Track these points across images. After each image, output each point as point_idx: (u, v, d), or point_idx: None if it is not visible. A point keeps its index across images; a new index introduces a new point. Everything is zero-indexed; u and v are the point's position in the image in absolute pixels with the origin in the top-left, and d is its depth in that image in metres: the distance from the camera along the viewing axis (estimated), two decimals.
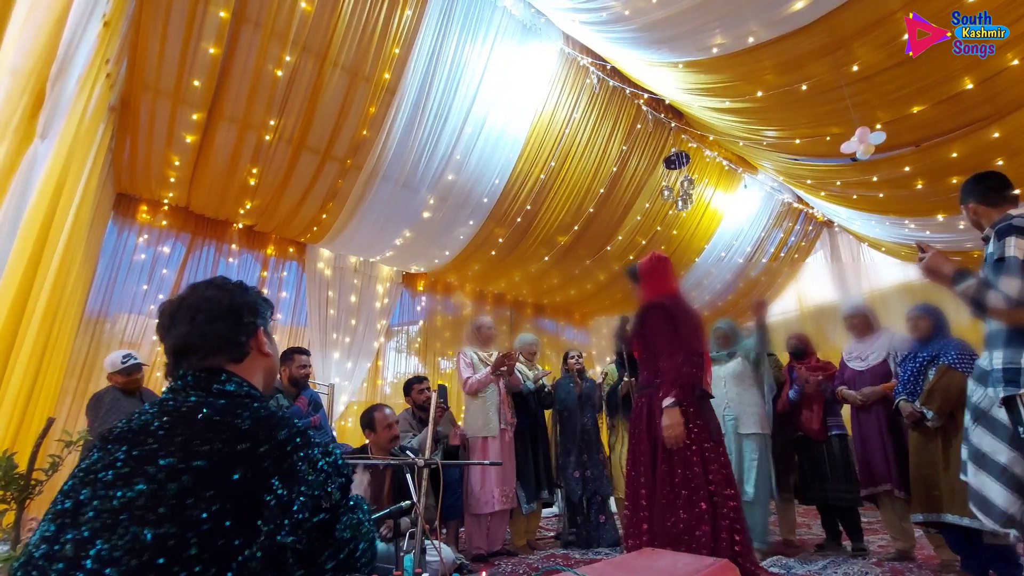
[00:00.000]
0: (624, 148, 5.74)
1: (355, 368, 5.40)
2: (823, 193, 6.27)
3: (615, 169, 5.82)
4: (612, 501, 4.15)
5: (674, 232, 6.91)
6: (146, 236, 4.33)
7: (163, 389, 1.02)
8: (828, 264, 8.47)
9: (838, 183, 5.70)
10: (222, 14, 3.35)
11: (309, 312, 5.19)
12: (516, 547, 3.89)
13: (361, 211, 4.84)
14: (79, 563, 0.74)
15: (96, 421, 2.79)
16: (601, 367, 7.10)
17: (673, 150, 5.92)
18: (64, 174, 2.45)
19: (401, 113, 4.35)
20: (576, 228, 6.11)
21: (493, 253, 6.02)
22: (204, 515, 0.78)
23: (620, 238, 6.54)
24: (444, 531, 3.57)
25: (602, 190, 5.88)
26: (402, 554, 1.97)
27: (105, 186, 3.74)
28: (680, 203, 6.09)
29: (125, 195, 4.27)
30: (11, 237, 1.87)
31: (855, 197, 5.92)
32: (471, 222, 5.47)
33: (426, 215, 5.17)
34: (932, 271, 1.80)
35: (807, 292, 8.71)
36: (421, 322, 6.49)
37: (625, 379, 4.11)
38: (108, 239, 4.10)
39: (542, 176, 5.41)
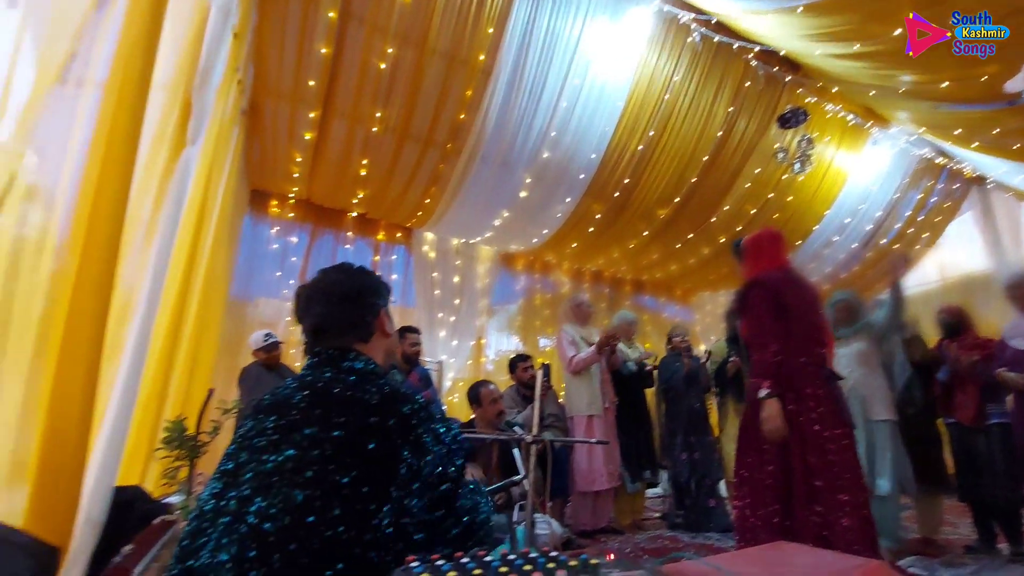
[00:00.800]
0: (731, 109, 5.31)
1: (459, 346, 5.64)
2: (975, 144, 5.37)
3: (721, 133, 5.40)
4: (722, 485, 3.99)
5: (789, 198, 6.31)
6: (277, 228, 4.84)
7: (302, 366, 1.13)
8: (979, 227, 7.28)
9: (995, 131, 4.83)
10: (331, 14, 3.56)
11: (416, 293, 5.50)
12: (621, 525, 3.89)
13: (462, 194, 4.98)
14: (242, 517, 0.84)
15: (245, 392, 3.20)
16: (706, 345, 6.76)
17: (788, 107, 5.37)
18: (209, 175, 2.77)
19: (497, 93, 4.37)
20: (677, 200, 5.80)
21: (591, 230, 5.91)
22: (344, 480, 0.86)
23: (727, 208, 6.11)
24: (549, 505, 3.65)
25: (706, 157, 5.51)
26: (514, 525, 2.04)
27: (241, 183, 4.20)
28: (797, 165, 5.55)
29: (257, 191, 4.78)
30: (173, 233, 2.15)
31: (1017, 147, 4.99)
32: (568, 199, 5.41)
33: (523, 194, 5.19)
34: None
35: (951, 260, 7.58)
36: (520, 301, 6.59)
37: (732, 358, 3.89)
38: (245, 231, 4.63)
39: (641, 147, 5.18)
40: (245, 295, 4.57)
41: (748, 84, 5.22)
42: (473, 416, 3.21)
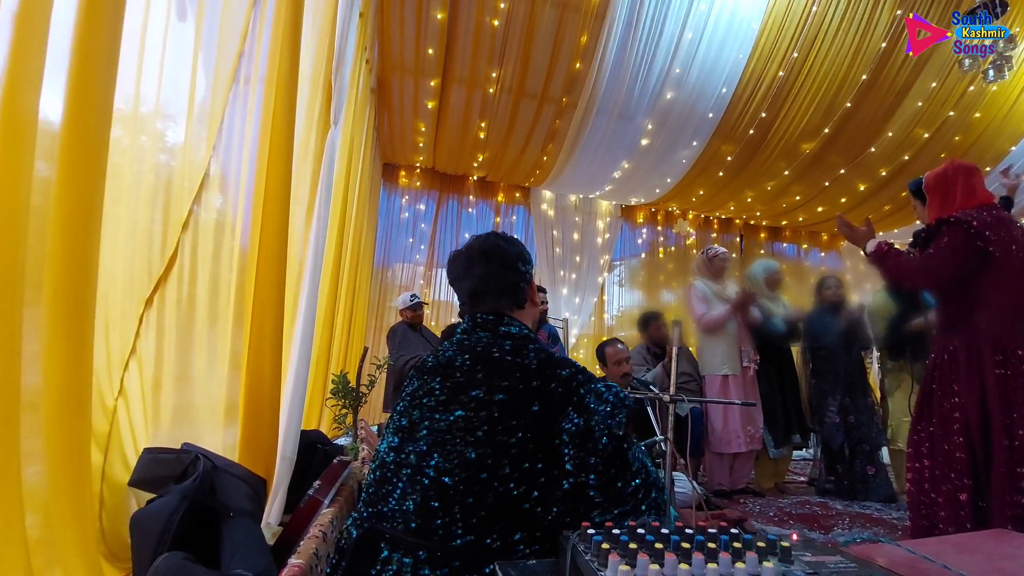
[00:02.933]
0: (897, 14, 4.43)
1: (582, 303, 5.64)
2: None
3: (884, 45, 4.56)
4: (885, 452, 3.59)
5: (976, 115, 5.21)
6: (407, 197, 5.18)
7: (439, 326, 1.18)
8: None
9: None
10: None
11: (537, 252, 5.56)
12: (762, 488, 3.70)
13: (579, 149, 4.86)
14: (422, 470, 0.93)
15: (394, 349, 3.53)
16: (859, 297, 5.99)
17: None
18: (350, 153, 3.00)
19: (613, 36, 4.11)
20: (827, 131, 5.08)
21: (720, 174, 5.45)
22: (511, 440, 0.90)
23: (890, 135, 5.22)
24: (682, 463, 3.58)
25: (864, 76, 4.70)
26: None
27: (375, 158, 4.52)
28: (991, 73, 4.51)
29: (388, 164, 5.12)
30: (328, 209, 2.37)
31: None
32: (694, 143, 5.01)
33: (644, 142, 4.92)
34: None
35: None
36: (643, 255, 6.37)
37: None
38: (381, 203, 5.03)
39: (780, 74, 4.57)
40: (384, 261, 5.02)
41: None
42: (604, 375, 3.21)
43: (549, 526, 0.90)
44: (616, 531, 0.60)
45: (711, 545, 0.54)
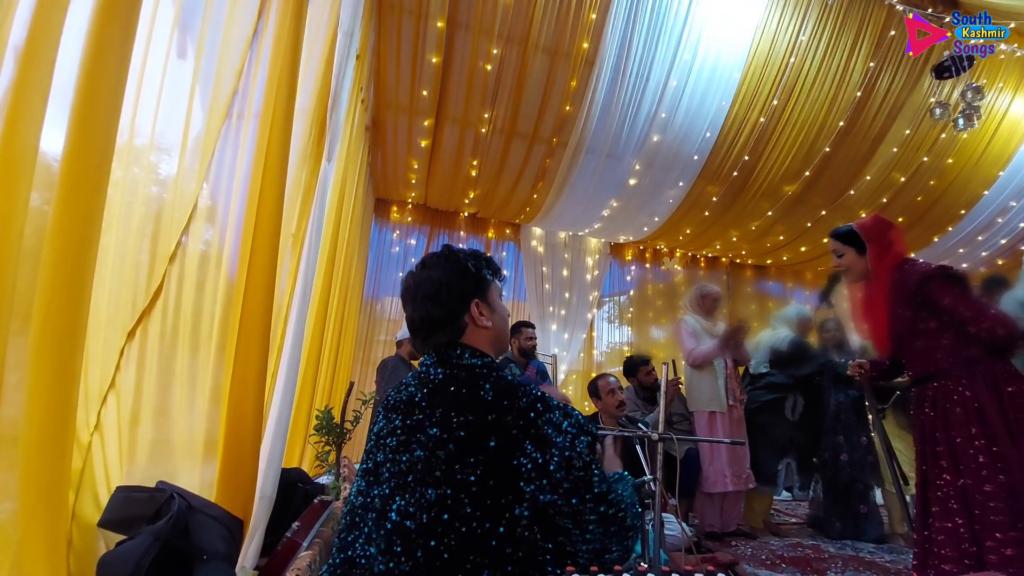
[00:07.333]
0: (871, 65, 4.67)
1: (571, 339, 5.63)
2: None
3: (859, 94, 4.78)
4: (878, 492, 3.56)
5: (949, 161, 5.44)
6: (398, 232, 5.22)
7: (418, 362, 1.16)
8: None
9: None
10: (439, 24, 3.73)
11: (527, 288, 5.58)
12: (753, 528, 3.63)
13: (569, 187, 4.96)
14: (386, 514, 0.91)
15: (383, 383, 3.47)
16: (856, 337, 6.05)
17: (946, 54, 4.58)
18: (342, 187, 3.03)
19: (602, 81, 4.28)
20: (807, 174, 5.25)
21: (706, 214, 5.57)
22: (472, 478, 0.88)
23: (868, 178, 5.42)
24: (673, 502, 3.51)
25: (842, 123, 4.91)
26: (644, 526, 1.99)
27: (367, 193, 4.57)
28: (960, 122, 4.73)
29: (381, 199, 5.19)
30: (318, 241, 2.38)
31: None
32: (681, 183, 5.14)
33: (632, 182, 5.03)
34: None
35: None
36: (632, 292, 6.42)
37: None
38: (372, 237, 5.06)
39: (762, 119, 4.76)
40: (374, 295, 5.01)
41: (893, 33, 4.55)
42: (597, 411, 3.19)
43: (520, 562, 0.87)
44: None
45: None
